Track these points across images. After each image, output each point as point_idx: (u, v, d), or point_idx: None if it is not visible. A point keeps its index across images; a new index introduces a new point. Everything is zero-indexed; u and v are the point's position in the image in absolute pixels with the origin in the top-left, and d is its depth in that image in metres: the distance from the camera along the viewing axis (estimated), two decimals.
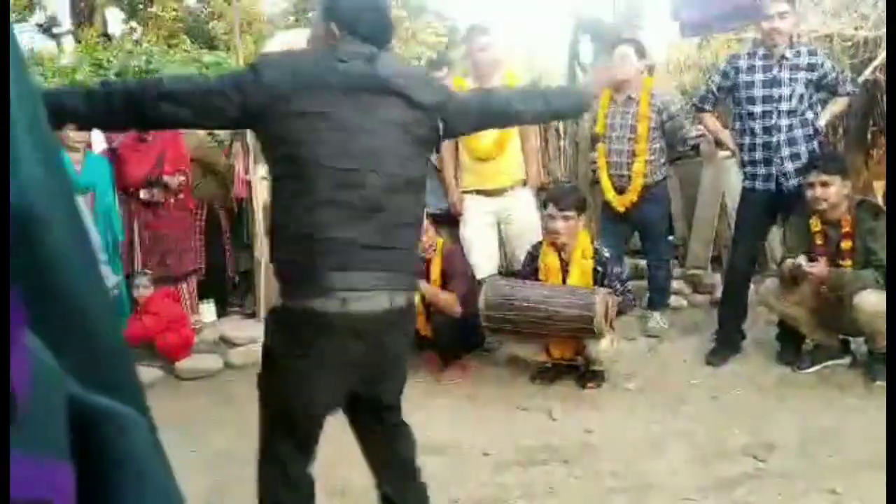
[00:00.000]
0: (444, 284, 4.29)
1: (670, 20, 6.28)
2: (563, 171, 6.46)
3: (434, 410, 3.85)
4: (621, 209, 4.68)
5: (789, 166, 4.03)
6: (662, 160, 4.70)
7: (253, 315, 5.21)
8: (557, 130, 6.57)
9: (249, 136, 4.88)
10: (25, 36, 14.01)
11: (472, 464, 3.18)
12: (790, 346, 4.12)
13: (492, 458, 3.21)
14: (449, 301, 4.21)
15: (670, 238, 5.49)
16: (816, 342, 4.02)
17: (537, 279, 4.08)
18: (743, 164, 4.27)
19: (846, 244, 3.78)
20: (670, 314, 4.91)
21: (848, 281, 3.66)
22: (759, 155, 4.11)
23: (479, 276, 4.43)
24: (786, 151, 4.03)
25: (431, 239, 4.33)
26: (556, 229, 3.97)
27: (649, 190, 4.62)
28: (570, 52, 6.89)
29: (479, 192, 4.62)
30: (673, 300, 5.08)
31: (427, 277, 4.27)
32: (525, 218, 4.52)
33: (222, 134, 5.54)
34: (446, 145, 4.62)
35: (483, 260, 4.56)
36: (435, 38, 15.46)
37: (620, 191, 4.66)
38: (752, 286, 4.43)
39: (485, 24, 4.59)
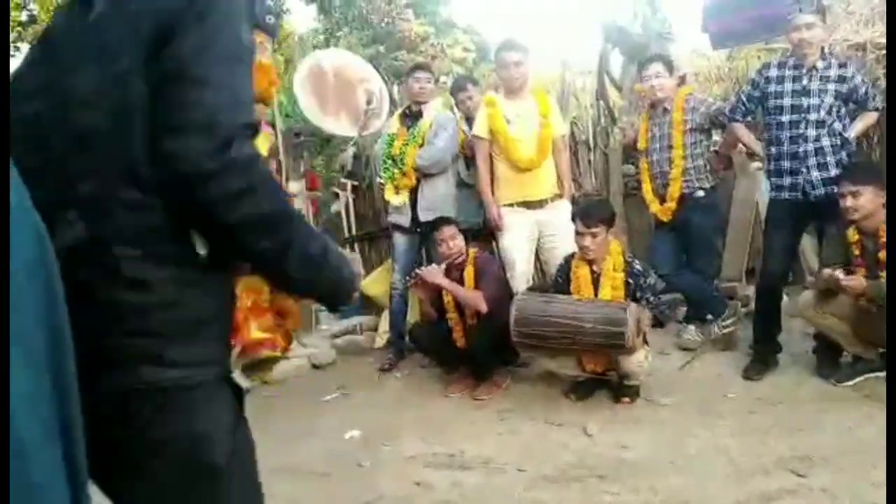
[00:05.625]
0: (477, 288, 4.27)
1: (700, 32, 6.29)
2: (593, 183, 6.46)
3: (467, 426, 3.86)
4: (665, 219, 4.69)
5: (816, 175, 3.99)
6: (707, 166, 4.64)
7: None
8: (587, 143, 6.58)
9: (282, 152, 4.94)
10: None
11: (507, 480, 3.18)
12: (828, 360, 4.06)
13: (526, 475, 3.21)
14: (474, 297, 4.19)
15: None
16: (855, 354, 3.97)
17: (569, 292, 4.08)
18: (769, 174, 4.24)
19: (884, 255, 3.72)
20: (705, 328, 4.86)
21: (886, 292, 3.61)
22: (786, 164, 4.08)
23: (513, 289, 4.41)
24: (812, 161, 3.99)
25: (460, 247, 4.37)
26: (585, 245, 3.98)
27: (695, 199, 4.60)
28: (599, 65, 6.92)
29: (520, 204, 4.60)
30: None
31: (462, 284, 4.31)
32: (569, 231, 4.33)
33: None
34: (481, 160, 4.63)
35: (519, 275, 4.54)
36: (463, 53, 15.53)
37: (664, 200, 4.68)
38: (786, 298, 4.38)
39: (515, 39, 4.62)
